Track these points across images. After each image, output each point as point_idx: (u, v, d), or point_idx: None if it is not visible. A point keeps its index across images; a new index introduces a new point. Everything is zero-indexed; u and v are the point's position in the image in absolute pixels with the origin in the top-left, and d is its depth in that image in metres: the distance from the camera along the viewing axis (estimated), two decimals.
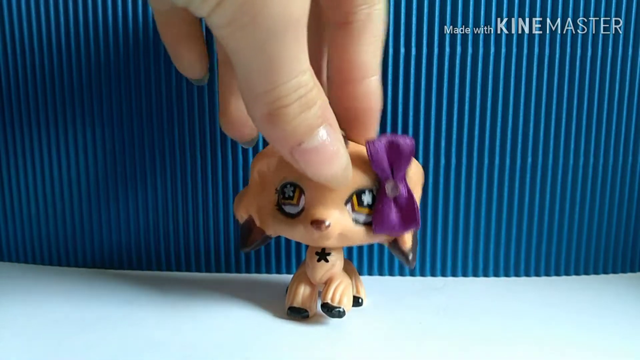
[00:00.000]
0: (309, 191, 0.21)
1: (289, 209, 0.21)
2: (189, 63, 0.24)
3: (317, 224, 0.20)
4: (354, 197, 0.21)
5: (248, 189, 0.23)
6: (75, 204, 0.29)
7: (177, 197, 0.29)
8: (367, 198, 0.21)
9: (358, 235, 0.21)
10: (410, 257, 0.22)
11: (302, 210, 0.21)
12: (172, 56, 0.24)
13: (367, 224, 0.21)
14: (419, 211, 0.21)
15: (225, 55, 0.21)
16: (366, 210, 0.21)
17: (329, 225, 0.20)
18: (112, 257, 0.30)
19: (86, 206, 0.29)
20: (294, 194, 0.21)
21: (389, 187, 0.21)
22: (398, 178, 0.20)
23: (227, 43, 0.16)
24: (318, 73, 0.21)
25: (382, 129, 0.27)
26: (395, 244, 0.22)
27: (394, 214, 0.21)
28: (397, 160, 0.20)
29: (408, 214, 0.21)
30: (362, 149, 0.21)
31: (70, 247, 0.30)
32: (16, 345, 0.20)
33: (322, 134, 0.18)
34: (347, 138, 0.21)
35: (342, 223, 0.21)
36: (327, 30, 0.21)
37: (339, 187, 0.20)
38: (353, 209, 0.21)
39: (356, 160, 0.20)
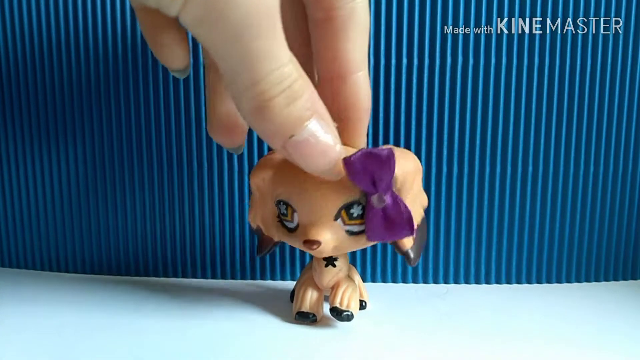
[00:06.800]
0: (299, 210, 0.21)
1: (287, 223, 0.22)
2: (170, 50, 0.22)
3: (309, 244, 0.21)
4: (343, 212, 0.21)
5: (254, 199, 0.24)
6: (83, 210, 0.30)
7: (184, 204, 0.29)
8: (356, 210, 0.21)
9: (355, 244, 0.21)
10: (412, 256, 0.22)
11: (297, 226, 0.21)
12: (153, 46, 0.22)
13: (363, 232, 0.21)
14: (412, 216, 0.20)
15: (210, 58, 0.21)
16: (358, 221, 0.21)
17: (320, 244, 0.20)
18: (119, 263, 0.30)
19: (94, 213, 0.30)
20: (287, 211, 0.21)
21: (374, 199, 0.20)
22: (382, 189, 0.20)
23: (204, 41, 0.17)
24: (310, 75, 0.21)
25: (385, 138, 0.28)
26: (395, 243, 0.22)
27: (383, 224, 0.20)
28: (378, 171, 0.19)
29: (397, 223, 0.20)
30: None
31: (78, 254, 0.30)
32: (22, 352, 0.21)
33: (313, 125, 0.18)
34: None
35: (335, 237, 0.21)
36: (311, 27, 0.21)
37: (335, 179, 0.20)
38: (344, 223, 0.21)
39: None
